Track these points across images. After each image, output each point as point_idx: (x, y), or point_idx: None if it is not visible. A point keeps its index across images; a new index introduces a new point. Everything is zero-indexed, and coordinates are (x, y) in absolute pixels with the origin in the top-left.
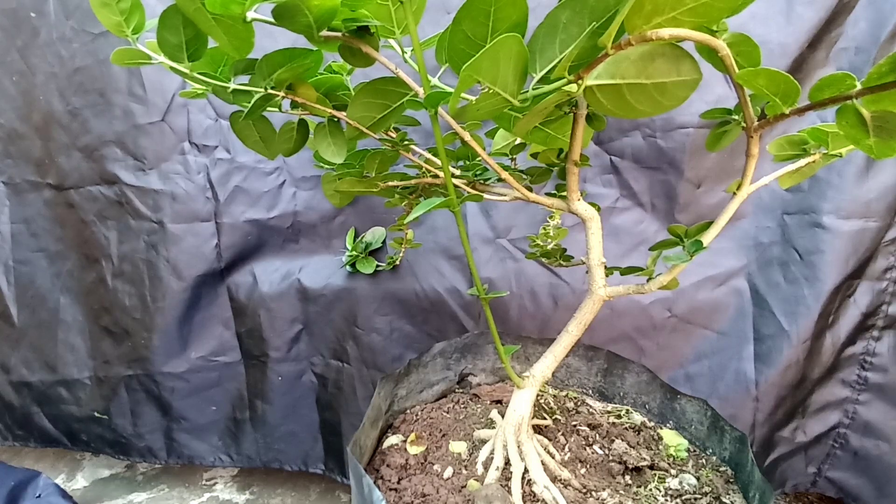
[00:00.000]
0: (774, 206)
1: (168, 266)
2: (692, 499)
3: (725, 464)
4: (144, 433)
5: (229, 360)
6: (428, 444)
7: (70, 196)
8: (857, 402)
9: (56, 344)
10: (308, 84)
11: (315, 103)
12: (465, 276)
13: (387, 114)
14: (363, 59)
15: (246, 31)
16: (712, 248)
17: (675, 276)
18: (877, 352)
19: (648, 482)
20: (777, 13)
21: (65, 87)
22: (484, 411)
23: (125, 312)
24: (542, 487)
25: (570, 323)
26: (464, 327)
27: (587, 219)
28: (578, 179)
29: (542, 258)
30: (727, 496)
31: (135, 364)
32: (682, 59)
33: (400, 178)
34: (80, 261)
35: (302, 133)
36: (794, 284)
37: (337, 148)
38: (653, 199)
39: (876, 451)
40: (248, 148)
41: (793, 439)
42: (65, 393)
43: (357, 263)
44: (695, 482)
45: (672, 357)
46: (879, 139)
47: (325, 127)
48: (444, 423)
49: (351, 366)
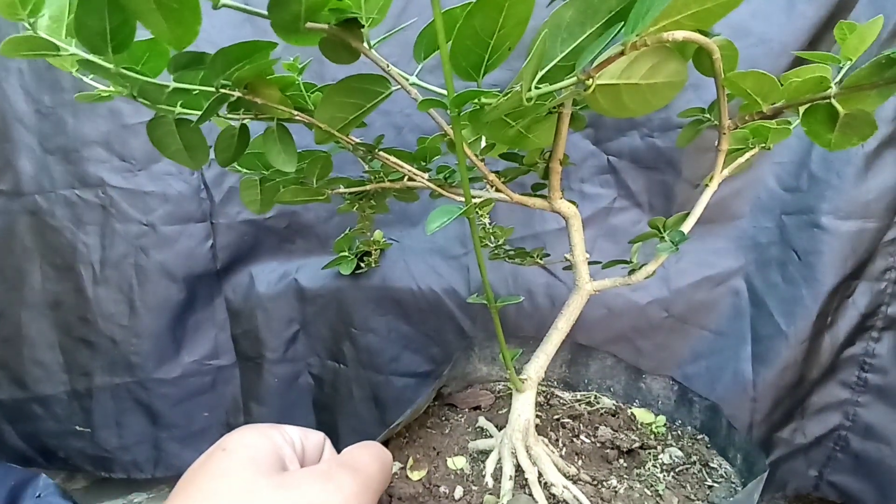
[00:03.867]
0: (773, 206)
1: (161, 269)
2: (684, 469)
3: (700, 432)
4: (130, 445)
5: (224, 363)
6: (428, 467)
7: (34, 202)
8: (857, 403)
9: (22, 361)
10: (271, 83)
11: (277, 104)
12: (463, 277)
13: (359, 114)
14: (347, 55)
15: (193, 18)
16: (710, 248)
17: (658, 266)
18: (876, 353)
19: (645, 462)
20: (779, 10)
21: (32, 85)
22: (467, 420)
23: (109, 320)
24: (561, 488)
25: (559, 319)
26: (461, 328)
27: (569, 216)
28: (561, 178)
29: (513, 260)
30: (713, 461)
31: (122, 372)
32: (673, 60)
33: (346, 183)
34: (46, 272)
35: (244, 140)
36: (792, 285)
37: (287, 155)
38: (651, 199)
39: (877, 454)
40: (168, 158)
41: (792, 441)
42: (39, 410)
43: (341, 264)
44: (680, 454)
45: (670, 357)
46: (842, 134)
47: (273, 132)
48: (433, 441)
49: (348, 367)
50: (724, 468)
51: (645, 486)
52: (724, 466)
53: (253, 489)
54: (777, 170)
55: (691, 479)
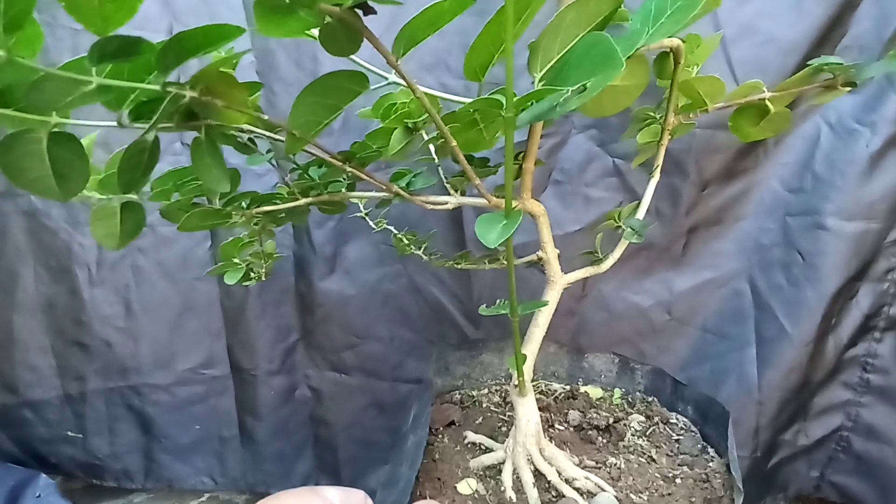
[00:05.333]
0: (776, 207)
1: (159, 269)
2: (654, 431)
3: (648, 395)
4: (122, 453)
5: (218, 374)
6: (440, 500)
7: (28, 203)
8: (859, 404)
9: (14, 366)
10: (237, 82)
11: (243, 108)
12: (465, 283)
13: (331, 119)
14: (349, 45)
15: None
16: (713, 249)
17: (622, 251)
18: (878, 353)
19: (623, 434)
20: (787, 9)
21: None
22: (451, 439)
23: (105, 322)
24: (583, 480)
25: (538, 316)
26: (464, 333)
27: (538, 215)
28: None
29: None
30: (672, 418)
31: (116, 376)
32: (643, 65)
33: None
34: (40, 274)
35: (154, 156)
36: (796, 286)
37: (219, 171)
38: (657, 203)
39: (879, 454)
40: (22, 188)
41: (795, 442)
42: (30, 415)
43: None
44: (643, 418)
45: (673, 360)
46: (760, 129)
47: (201, 144)
48: (433, 471)
49: (349, 375)
50: (681, 421)
51: (637, 456)
52: (680, 419)
53: None
54: (781, 171)
55: (661, 438)
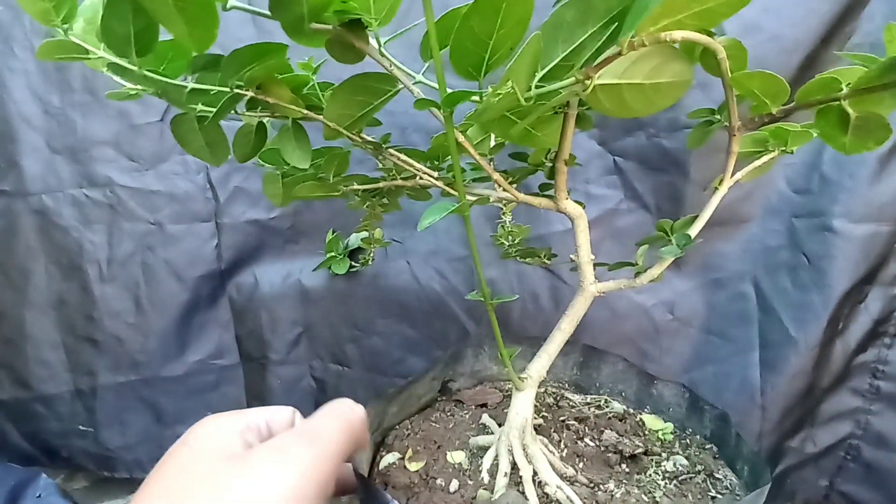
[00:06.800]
0: (783, 209)
1: (167, 267)
2: (688, 478)
3: (709, 441)
4: (133, 444)
5: (228, 363)
6: (426, 459)
7: (39, 202)
8: (869, 412)
9: (26, 361)
10: (282, 83)
11: (288, 103)
12: (467, 278)
13: (366, 112)
14: (353, 55)
15: (212, 21)
16: (717, 251)
17: (664, 269)
18: (889, 360)
19: (647, 468)
20: (791, 6)
21: (40, 86)
22: (472, 416)
23: (116, 318)
24: (554, 488)
25: (563, 320)
26: (465, 329)
27: (575, 217)
28: (567, 179)
29: (524, 259)
30: (718, 472)
31: (127, 371)
32: (677, 60)
33: (361, 180)
34: (51, 271)
35: (261, 137)
36: (802, 290)
37: (302, 152)
38: (658, 201)
39: (889, 463)
40: (191, 154)
41: (802, 450)
42: (42, 409)
43: (332, 264)
44: (686, 462)
45: (675, 362)
46: (855, 138)
47: (289, 129)
48: (435, 434)
49: (351, 369)
50: (729, 479)
51: (643, 493)
52: (729, 478)
53: (211, 478)
54: (788, 171)
55: (694, 489)
